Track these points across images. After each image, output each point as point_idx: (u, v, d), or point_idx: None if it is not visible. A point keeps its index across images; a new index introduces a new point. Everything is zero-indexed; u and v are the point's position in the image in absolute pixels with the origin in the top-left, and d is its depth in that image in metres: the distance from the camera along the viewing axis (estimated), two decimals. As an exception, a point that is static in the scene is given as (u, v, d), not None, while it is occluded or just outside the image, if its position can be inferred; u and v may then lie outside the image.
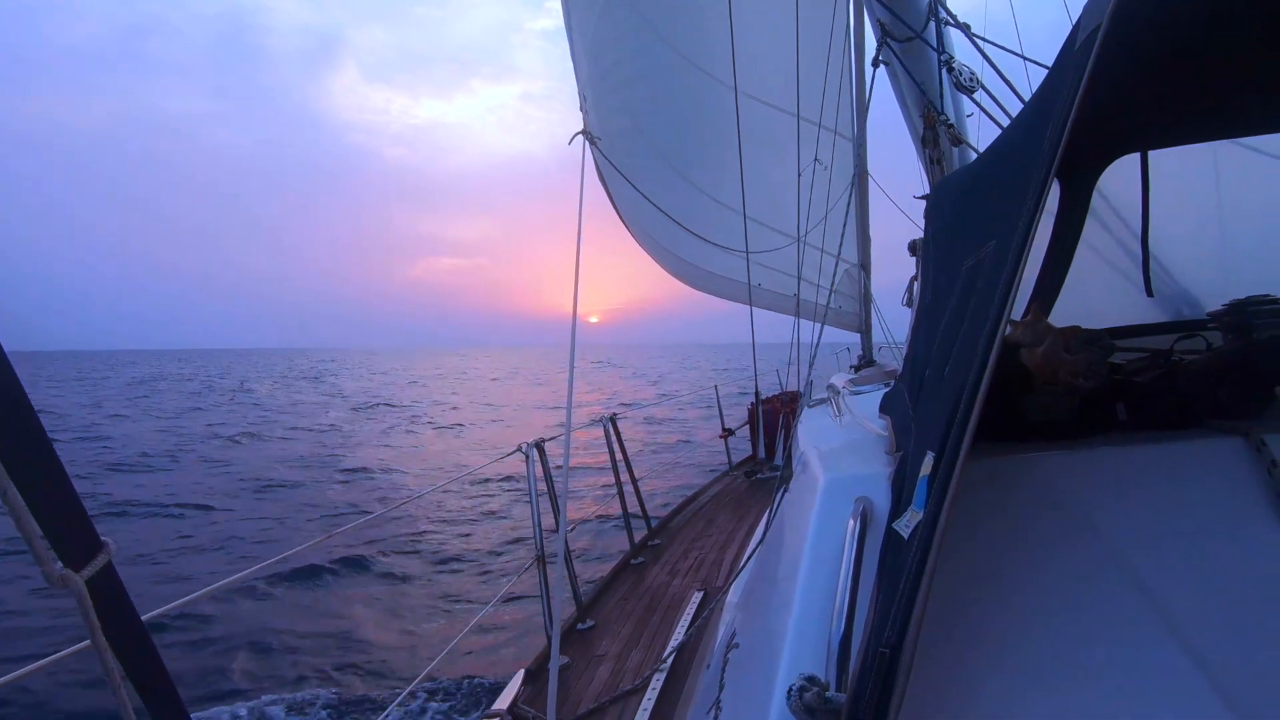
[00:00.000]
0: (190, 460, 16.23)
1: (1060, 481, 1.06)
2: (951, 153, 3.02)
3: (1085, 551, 0.97)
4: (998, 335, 0.78)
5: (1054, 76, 1.02)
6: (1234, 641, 0.86)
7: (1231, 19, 1.18)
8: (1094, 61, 0.82)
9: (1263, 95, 1.53)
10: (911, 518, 0.87)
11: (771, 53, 6.36)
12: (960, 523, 0.99)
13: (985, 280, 0.93)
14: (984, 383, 0.77)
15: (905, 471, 1.06)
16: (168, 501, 11.61)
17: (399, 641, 6.20)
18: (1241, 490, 1.02)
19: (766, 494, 5.73)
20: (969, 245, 1.18)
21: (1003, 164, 1.17)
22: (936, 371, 1.09)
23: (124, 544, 9.04)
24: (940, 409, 0.92)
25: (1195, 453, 1.08)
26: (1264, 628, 0.88)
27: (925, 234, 1.85)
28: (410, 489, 12.51)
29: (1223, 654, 0.85)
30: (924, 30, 2.32)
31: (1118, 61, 1.22)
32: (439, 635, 6.22)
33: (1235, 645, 0.86)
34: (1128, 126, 1.78)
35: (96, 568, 0.62)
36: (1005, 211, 0.98)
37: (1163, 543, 0.97)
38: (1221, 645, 0.86)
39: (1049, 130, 0.87)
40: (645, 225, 6.61)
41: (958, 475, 0.77)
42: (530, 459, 3.20)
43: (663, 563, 4.33)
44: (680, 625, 3.20)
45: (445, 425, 23.90)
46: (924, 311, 1.53)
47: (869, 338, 7.40)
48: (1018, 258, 0.81)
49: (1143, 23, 1.11)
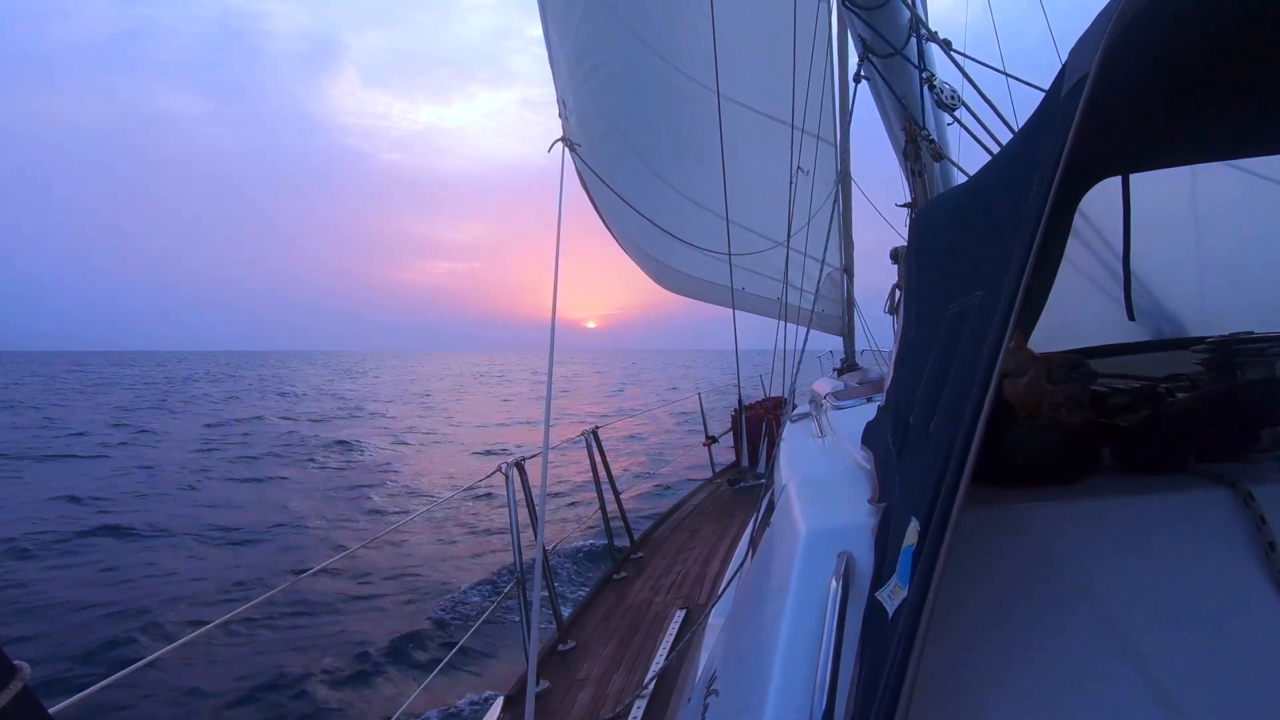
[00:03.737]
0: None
1: (1044, 535, 1.04)
2: (933, 166, 3.00)
3: (1070, 610, 0.95)
4: (981, 414, 0.75)
5: (1040, 119, 0.99)
6: (1218, 703, 0.85)
7: (1220, 52, 1.16)
8: (1081, 112, 0.80)
9: (1249, 119, 1.51)
10: (895, 593, 0.83)
11: (752, 56, 6.34)
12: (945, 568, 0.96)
13: (968, 345, 0.90)
14: (968, 465, 0.74)
15: (889, 528, 1.03)
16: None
17: (377, 669, 6.04)
18: (1229, 545, 0.99)
19: (749, 503, 5.72)
20: (954, 288, 1.15)
21: (989, 202, 1.14)
22: (921, 423, 1.05)
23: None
24: (924, 473, 0.89)
25: (1183, 505, 1.05)
26: (1248, 689, 0.86)
27: (907, 258, 1.82)
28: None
29: (1206, 715, 0.83)
30: (905, 47, 2.29)
31: (1103, 94, 1.19)
32: (418, 665, 6.06)
33: (1218, 707, 0.84)
34: (1110, 150, 1.77)
35: (8, 698, 0.56)
36: (990, 262, 0.95)
37: (1150, 601, 0.95)
38: (1206, 707, 0.84)
39: (1035, 185, 0.84)
40: (627, 230, 6.57)
41: (943, 559, 0.74)
42: (510, 479, 3.15)
43: (646, 577, 4.30)
44: (662, 648, 3.16)
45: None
46: (907, 346, 1.50)
47: (852, 341, 7.42)
48: (1001, 332, 0.77)
49: (1131, 61, 1.09)
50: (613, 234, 6.52)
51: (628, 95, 6.21)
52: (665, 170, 6.63)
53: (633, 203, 6.09)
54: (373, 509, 12.48)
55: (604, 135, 5.91)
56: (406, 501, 13.02)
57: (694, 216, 6.76)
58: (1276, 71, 1.21)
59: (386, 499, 13.22)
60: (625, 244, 6.73)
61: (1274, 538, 0.96)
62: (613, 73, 5.91)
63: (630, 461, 15.75)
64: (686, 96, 6.30)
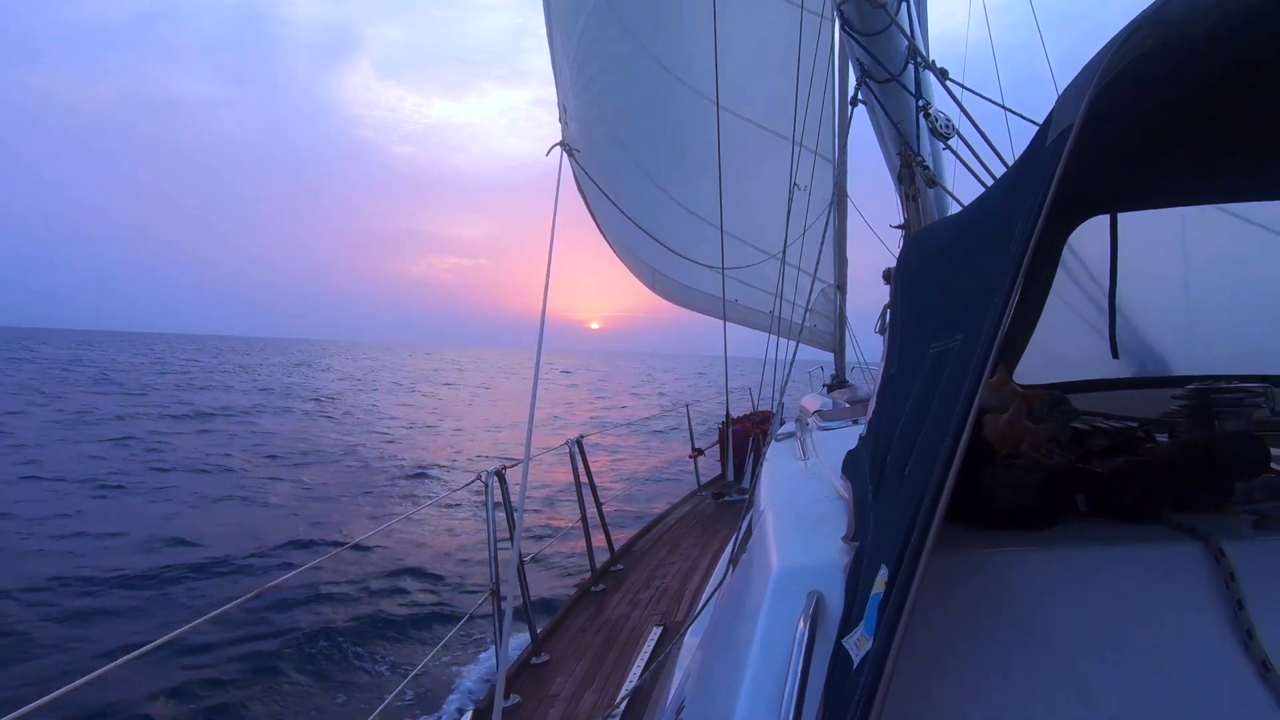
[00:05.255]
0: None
1: (1014, 583, 1.03)
2: (927, 192, 3.01)
3: (1035, 660, 0.94)
4: (953, 466, 0.74)
5: (1025, 164, 0.99)
6: None
7: (1206, 103, 1.17)
8: (1064, 164, 0.81)
9: (1235, 166, 1.53)
10: (860, 644, 0.82)
11: (754, 69, 6.36)
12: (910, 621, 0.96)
13: (945, 392, 0.90)
14: (937, 518, 0.73)
15: (860, 571, 1.02)
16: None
17: (351, 679, 5.83)
18: (1198, 601, 0.99)
19: (732, 518, 5.70)
20: (936, 327, 1.14)
21: (972, 244, 1.14)
22: (896, 466, 1.05)
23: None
24: (897, 519, 0.88)
25: (1154, 557, 1.05)
26: None
27: (893, 291, 1.82)
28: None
29: None
30: (902, 74, 2.29)
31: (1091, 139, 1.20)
32: (389, 673, 5.86)
33: None
34: (1099, 189, 1.78)
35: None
36: (971, 305, 0.95)
37: (1116, 655, 0.94)
38: None
39: (1016, 234, 0.84)
40: (622, 237, 6.56)
41: (908, 612, 0.73)
42: (489, 488, 3.12)
43: (624, 591, 4.27)
44: (636, 665, 3.14)
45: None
46: (889, 381, 1.50)
47: (842, 358, 7.44)
48: (976, 382, 0.77)
49: (1118, 111, 1.09)
50: (607, 240, 6.52)
51: (629, 102, 6.22)
52: (662, 178, 6.64)
53: (630, 209, 6.08)
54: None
55: (603, 141, 5.92)
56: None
57: (689, 225, 6.77)
58: (1262, 121, 1.22)
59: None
60: (620, 250, 6.73)
61: (1242, 595, 0.96)
62: (615, 79, 5.91)
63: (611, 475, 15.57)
64: (687, 106, 6.32)
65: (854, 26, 2.22)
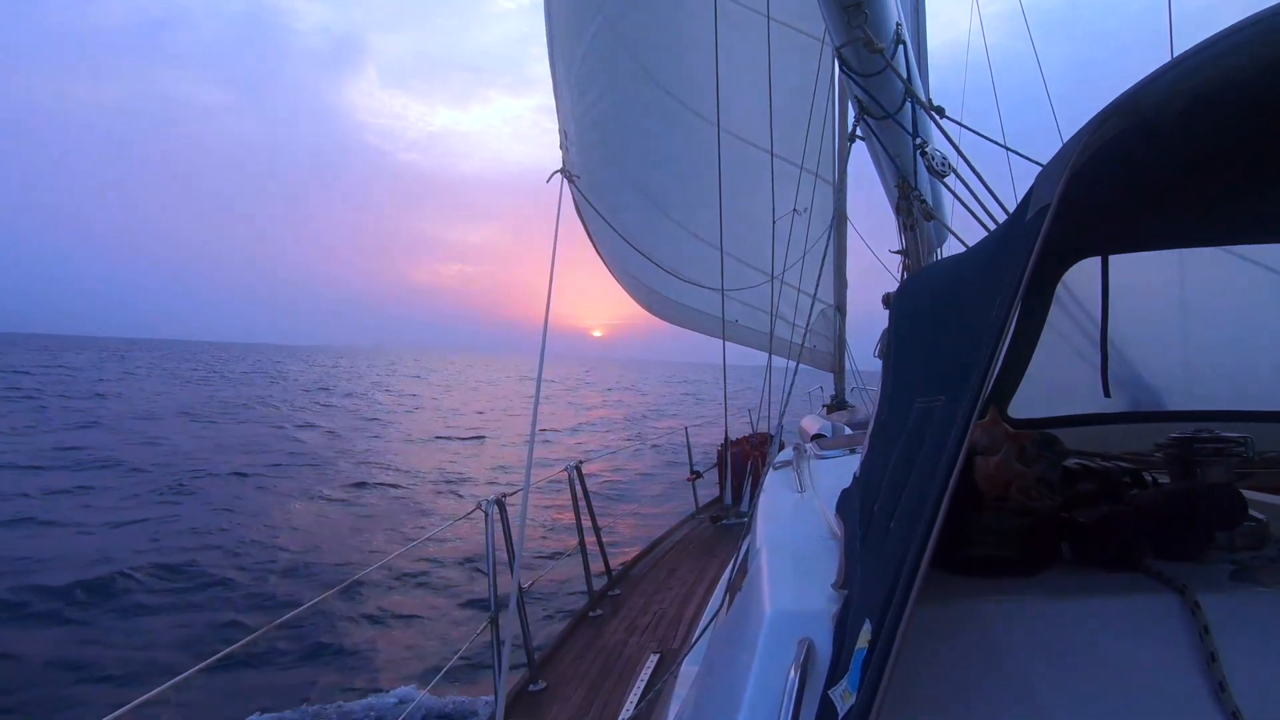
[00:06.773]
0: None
1: (994, 633, 1.05)
2: (925, 224, 3.05)
3: (1017, 714, 0.96)
4: (933, 531, 0.77)
5: (1007, 235, 1.03)
6: None
7: (1190, 168, 1.20)
8: (1042, 239, 0.84)
9: (1222, 216, 1.56)
10: (845, 697, 0.85)
11: (753, 92, 6.42)
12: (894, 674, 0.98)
13: (927, 456, 0.93)
14: (917, 581, 0.76)
15: (847, 621, 1.04)
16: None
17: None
18: (1174, 652, 1.01)
19: (731, 541, 5.68)
20: (922, 381, 1.17)
21: (959, 301, 1.17)
22: (883, 517, 1.08)
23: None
24: (881, 574, 0.91)
25: (1132, 608, 1.07)
26: None
27: (889, 329, 1.85)
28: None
29: None
30: (899, 112, 2.34)
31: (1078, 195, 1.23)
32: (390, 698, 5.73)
33: None
34: (1090, 234, 1.81)
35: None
36: (954, 365, 0.98)
37: (1091, 706, 0.97)
38: None
39: (997, 307, 0.87)
40: (621, 259, 6.61)
41: (890, 669, 0.76)
42: (489, 516, 3.14)
43: (621, 616, 4.26)
44: (632, 695, 3.14)
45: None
46: (880, 428, 1.52)
47: (842, 379, 7.45)
48: (957, 449, 0.80)
49: (1101, 179, 1.12)
50: (605, 262, 6.57)
51: (629, 125, 6.28)
52: (662, 200, 6.69)
53: (629, 230, 6.13)
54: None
55: (603, 164, 5.97)
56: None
57: (688, 246, 6.81)
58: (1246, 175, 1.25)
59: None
60: (617, 273, 6.77)
61: (1215, 649, 0.98)
62: (615, 102, 5.98)
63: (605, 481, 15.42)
64: (687, 128, 6.38)
65: (851, 67, 2.27)
